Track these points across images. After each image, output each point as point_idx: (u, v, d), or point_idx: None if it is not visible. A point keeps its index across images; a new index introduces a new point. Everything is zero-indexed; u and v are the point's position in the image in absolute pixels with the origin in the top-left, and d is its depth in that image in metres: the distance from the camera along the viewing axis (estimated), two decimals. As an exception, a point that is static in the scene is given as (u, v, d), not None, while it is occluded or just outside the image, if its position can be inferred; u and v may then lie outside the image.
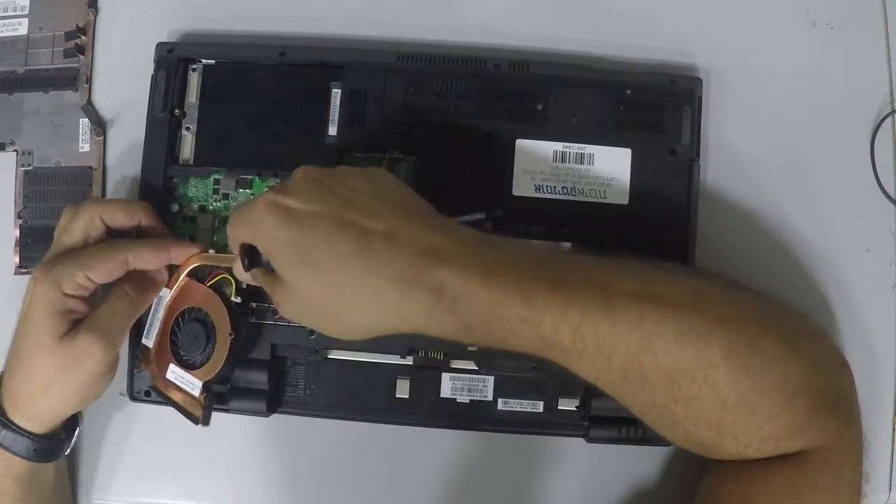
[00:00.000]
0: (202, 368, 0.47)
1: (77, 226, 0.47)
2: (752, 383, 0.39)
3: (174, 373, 0.48)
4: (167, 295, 0.48)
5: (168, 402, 0.48)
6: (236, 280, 0.47)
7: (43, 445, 0.46)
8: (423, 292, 0.38)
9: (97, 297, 0.47)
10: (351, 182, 0.41)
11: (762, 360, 0.39)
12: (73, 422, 0.49)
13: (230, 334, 0.47)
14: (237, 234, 0.42)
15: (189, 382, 0.47)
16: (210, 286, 0.48)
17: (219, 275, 0.48)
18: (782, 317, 0.43)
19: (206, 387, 0.47)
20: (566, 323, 0.39)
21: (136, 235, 0.49)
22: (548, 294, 0.39)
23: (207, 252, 0.48)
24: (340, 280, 0.39)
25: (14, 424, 0.45)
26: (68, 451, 0.49)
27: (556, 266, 0.40)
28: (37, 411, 0.46)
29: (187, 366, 0.48)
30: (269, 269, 0.42)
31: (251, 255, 0.42)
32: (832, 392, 0.42)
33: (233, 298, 0.48)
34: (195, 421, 0.47)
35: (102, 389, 0.48)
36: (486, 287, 0.38)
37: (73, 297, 0.45)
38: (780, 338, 0.40)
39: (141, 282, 0.48)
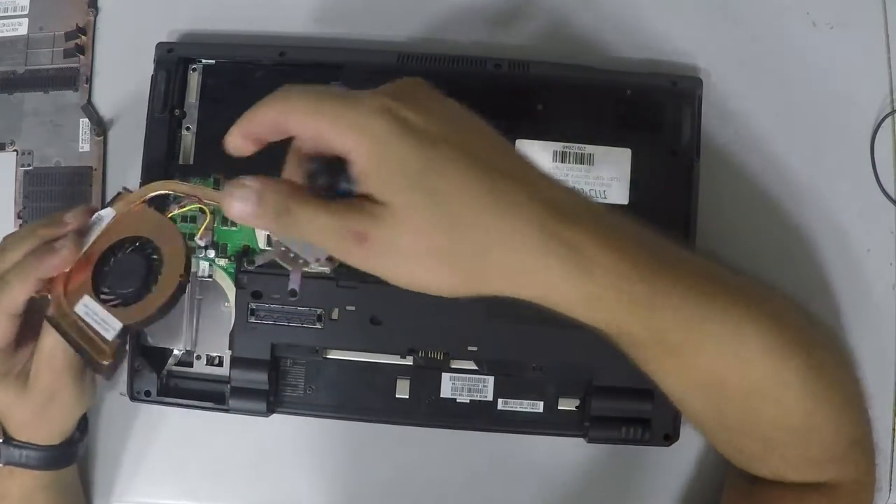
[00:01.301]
0: (127, 309, 0.39)
1: None
2: (815, 408, 0.39)
3: (86, 307, 0.39)
4: (109, 216, 0.41)
5: (66, 339, 0.39)
6: (210, 220, 0.40)
7: (58, 453, 0.46)
8: (564, 248, 0.34)
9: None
10: (466, 114, 0.35)
11: (826, 386, 0.40)
12: (83, 422, 0.49)
13: (180, 276, 0.39)
14: (315, 131, 0.34)
15: (103, 322, 0.39)
16: (170, 218, 0.41)
17: (186, 206, 0.41)
18: (840, 347, 0.44)
19: (125, 332, 0.39)
20: (679, 315, 0.36)
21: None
22: (669, 281, 0.36)
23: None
24: (469, 216, 0.33)
25: (25, 443, 0.45)
26: (82, 453, 0.49)
27: (673, 253, 0.37)
28: (38, 434, 0.45)
29: (107, 303, 0.39)
30: (345, 194, 0.34)
31: (328, 171, 0.34)
32: (867, 427, 0.43)
33: (197, 239, 0.43)
34: (98, 370, 0.39)
35: (93, 390, 0.47)
36: (615, 258, 0.34)
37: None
38: (841, 368, 0.42)
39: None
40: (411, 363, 0.50)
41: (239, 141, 0.36)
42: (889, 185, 0.52)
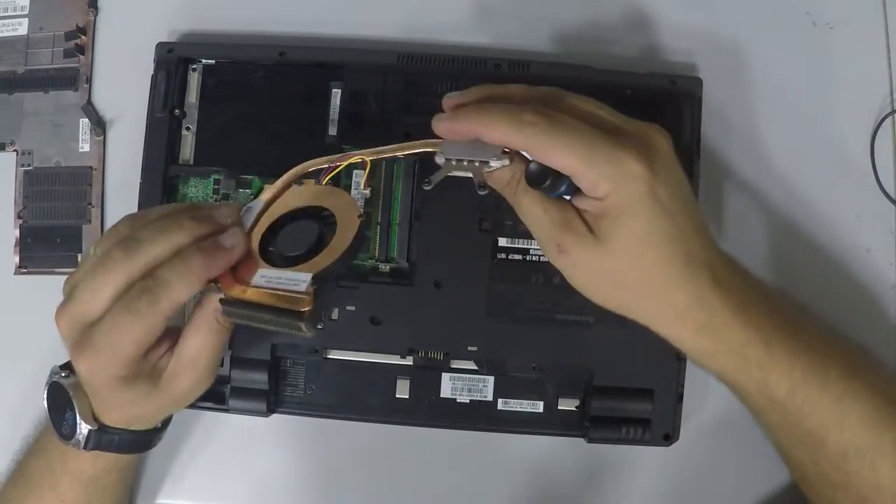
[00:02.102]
0: (309, 262, 0.39)
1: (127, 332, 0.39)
2: None
3: (265, 276, 0.38)
4: (258, 206, 0.41)
5: (252, 313, 0.38)
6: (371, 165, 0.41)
7: (146, 438, 0.45)
8: (705, 312, 0.40)
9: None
10: (688, 188, 0.41)
11: None
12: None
13: (359, 216, 0.40)
14: (564, 166, 0.38)
15: (290, 280, 0.38)
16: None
17: (335, 170, 0.41)
18: None
19: (316, 280, 0.38)
20: (789, 379, 0.41)
21: None
22: (784, 349, 0.41)
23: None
24: (658, 274, 0.39)
25: (121, 430, 0.43)
26: (158, 442, 0.48)
27: (789, 318, 0.42)
28: (140, 424, 0.44)
29: (285, 267, 0.39)
30: (557, 195, 0.39)
31: (552, 180, 0.38)
32: None
33: (362, 189, 0.44)
34: (299, 320, 0.37)
35: (208, 384, 0.44)
36: (742, 325, 0.40)
37: (135, 372, 0.41)
38: None
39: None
40: (411, 363, 0.50)
41: (463, 130, 0.40)
42: (889, 185, 0.52)
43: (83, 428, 0.43)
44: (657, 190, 0.38)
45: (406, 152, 0.42)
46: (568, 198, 0.40)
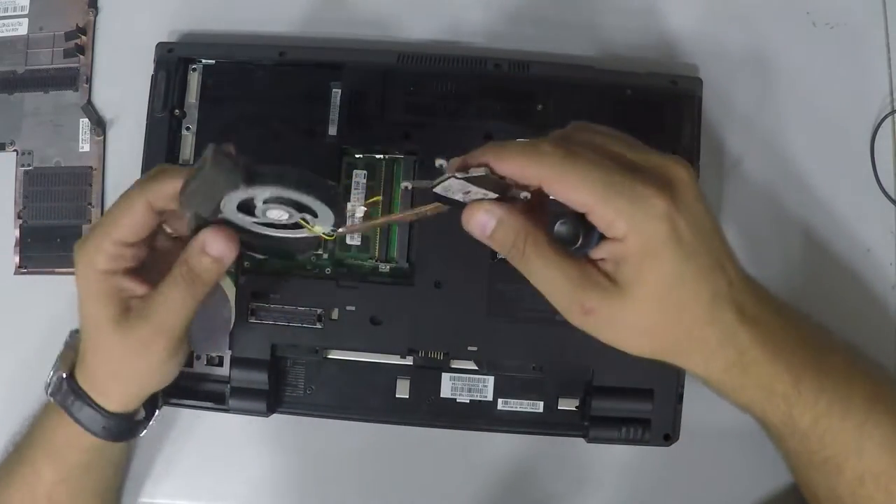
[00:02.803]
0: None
1: (116, 212, 0.41)
2: None
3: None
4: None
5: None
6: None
7: (113, 424, 0.44)
8: (735, 351, 0.39)
9: (157, 262, 0.43)
10: (715, 224, 0.39)
11: None
12: (153, 403, 0.47)
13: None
14: (582, 204, 0.36)
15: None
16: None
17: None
18: None
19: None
20: (813, 411, 0.41)
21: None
22: (811, 381, 0.41)
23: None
24: (688, 317, 0.38)
25: (88, 398, 0.43)
26: (141, 434, 0.47)
27: (816, 348, 0.42)
28: (110, 390, 0.44)
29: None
30: (582, 250, 0.38)
31: (574, 226, 0.37)
32: None
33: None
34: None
35: (177, 368, 0.45)
36: (771, 360, 0.40)
37: (113, 272, 0.41)
38: None
39: None
40: (411, 363, 0.50)
41: (475, 162, 0.37)
42: (889, 185, 0.52)
43: (53, 375, 0.44)
44: (679, 227, 0.37)
45: (414, 215, 0.41)
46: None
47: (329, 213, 0.38)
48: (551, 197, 0.37)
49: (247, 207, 0.39)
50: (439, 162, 0.38)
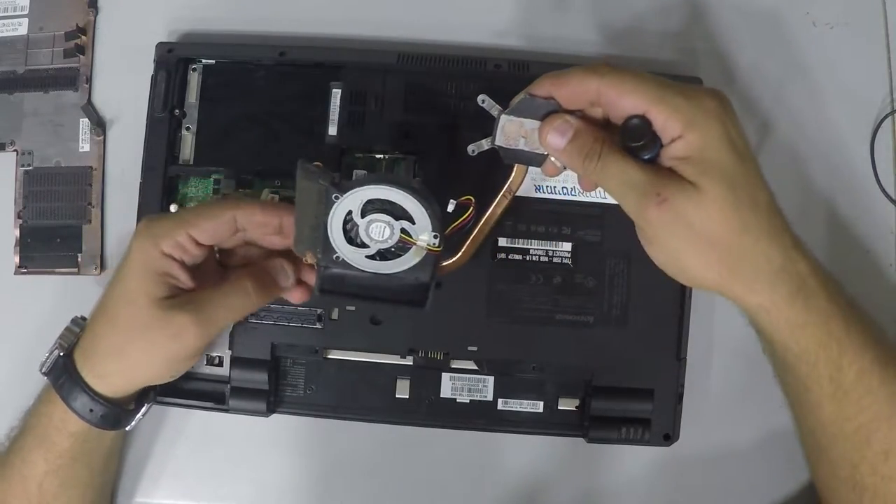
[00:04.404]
0: None
1: (204, 211, 0.44)
2: None
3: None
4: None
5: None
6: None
7: (104, 410, 0.44)
8: (796, 277, 0.40)
9: (207, 273, 0.45)
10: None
11: None
12: (145, 397, 0.47)
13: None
14: (644, 110, 0.38)
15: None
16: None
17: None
18: None
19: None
20: (859, 363, 0.41)
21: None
22: (858, 333, 0.41)
23: None
24: (754, 227, 0.39)
25: (81, 380, 0.43)
26: (132, 425, 0.47)
27: (854, 305, 0.42)
28: (108, 370, 0.43)
29: None
30: (647, 159, 0.39)
31: (646, 134, 0.38)
32: None
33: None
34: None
35: (184, 369, 0.45)
36: (826, 297, 0.40)
37: (173, 259, 0.43)
38: None
39: (263, 280, 0.45)
40: (411, 363, 0.50)
41: (545, 89, 0.40)
42: (889, 185, 0.52)
43: (50, 353, 0.44)
44: (730, 130, 0.38)
45: (505, 198, 0.45)
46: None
47: (426, 219, 0.40)
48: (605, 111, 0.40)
49: (351, 238, 0.41)
50: (481, 97, 0.41)
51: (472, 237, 0.45)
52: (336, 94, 0.50)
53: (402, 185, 0.40)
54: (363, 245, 0.41)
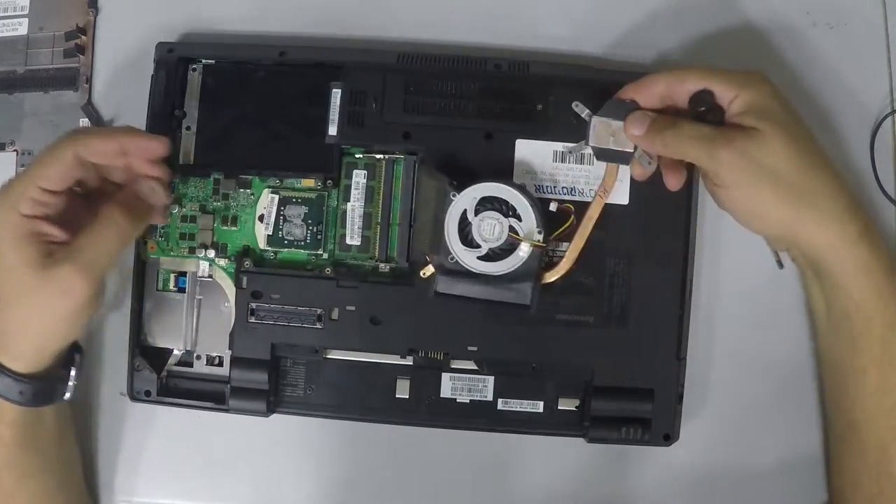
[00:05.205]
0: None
1: (44, 160, 0.43)
2: None
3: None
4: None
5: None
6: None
7: (34, 388, 0.43)
8: (861, 220, 0.44)
9: (79, 218, 0.44)
10: None
11: None
12: (70, 361, 0.46)
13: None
14: (708, 85, 0.45)
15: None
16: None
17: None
18: None
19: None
20: None
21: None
22: None
23: None
24: (818, 163, 0.44)
25: (0, 366, 0.42)
26: (69, 395, 0.46)
27: None
28: (20, 349, 0.43)
29: None
30: (716, 122, 0.44)
31: (709, 101, 0.45)
32: None
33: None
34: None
35: (88, 318, 0.44)
36: (887, 249, 0.44)
37: (36, 217, 0.42)
38: None
39: (133, 205, 0.44)
40: (411, 363, 0.50)
41: (627, 94, 0.47)
42: (889, 185, 0.52)
43: None
44: (779, 92, 0.44)
45: (600, 197, 0.48)
46: None
47: (531, 216, 0.46)
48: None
49: (466, 238, 0.46)
50: (575, 103, 0.47)
51: (573, 243, 0.48)
52: (336, 94, 0.50)
53: (511, 184, 0.46)
54: (476, 246, 0.46)
